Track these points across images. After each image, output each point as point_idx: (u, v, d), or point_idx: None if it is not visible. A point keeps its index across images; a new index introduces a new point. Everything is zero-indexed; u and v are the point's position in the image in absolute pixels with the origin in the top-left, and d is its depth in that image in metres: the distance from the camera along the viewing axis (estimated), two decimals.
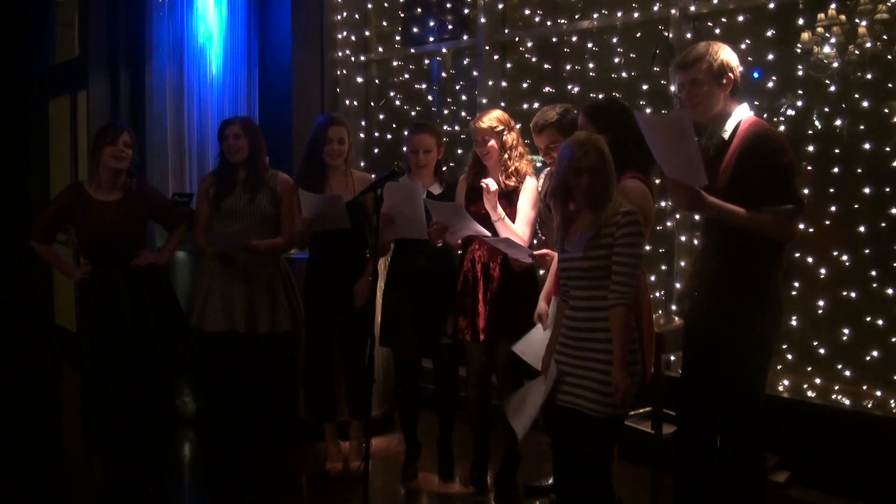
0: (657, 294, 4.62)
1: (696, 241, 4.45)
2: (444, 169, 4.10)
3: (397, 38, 6.35)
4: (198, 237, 4.17)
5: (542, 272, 3.96)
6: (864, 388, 4.11)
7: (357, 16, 6.35)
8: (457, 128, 5.85)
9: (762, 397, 2.95)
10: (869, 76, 4.12)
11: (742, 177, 2.83)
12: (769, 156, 2.79)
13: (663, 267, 4.65)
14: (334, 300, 4.10)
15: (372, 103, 6.49)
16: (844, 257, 4.17)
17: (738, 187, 2.83)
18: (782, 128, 4.38)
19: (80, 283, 3.92)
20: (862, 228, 4.08)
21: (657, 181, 3.29)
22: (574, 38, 5.27)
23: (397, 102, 6.33)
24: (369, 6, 6.40)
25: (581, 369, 2.84)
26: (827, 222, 4.22)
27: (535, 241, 3.89)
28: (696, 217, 3.58)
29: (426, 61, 6.19)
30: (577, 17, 5.23)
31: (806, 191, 4.28)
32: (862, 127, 4.14)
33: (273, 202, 4.12)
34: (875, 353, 4.08)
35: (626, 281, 2.75)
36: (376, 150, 6.38)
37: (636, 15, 4.83)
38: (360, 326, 4.09)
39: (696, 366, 3.07)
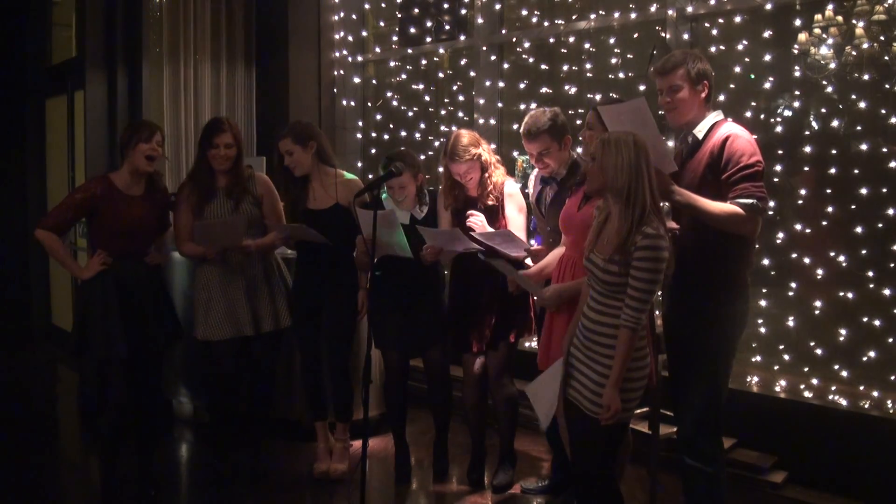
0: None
1: None
2: (425, 195, 4.02)
3: (394, 38, 6.35)
4: (182, 247, 4.05)
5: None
6: (862, 388, 4.12)
7: (354, 16, 6.35)
8: (454, 128, 5.83)
9: (725, 393, 3.02)
10: (866, 77, 4.13)
11: (711, 175, 2.91)
12: (737, 154, 2.86)
13: None
14: (319, 302, 4.10)
15: (369, 104, 6.49)
16: (841, 258, 4.18)
17: (708, 185, 2.91)
18: (779, 128, 4.39)
19: (95, 275, 3.77)
20: (859, 229, 4.09)
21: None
22: (571, 39, 5.28)
23: (395, 103, 6.33)
24: (366, 7, 6.40)
25: (586, 368, 2.84)
26: (824, 223, 4.23)
27: (531, 242, 3.89)
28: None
29: (423, 62, 6.19)
30: (574, 17, 5.24)
31: (803, 191, 4.29)
32: (859, 128, 4.15)
33: (255, 204, 4.07)
34: (872, 354, 4.09)
35: (638, 306, 2.71)
36: (373, 151, 6.38)
37: (633, 16, 4.83)
38: (342, 329, 4.11)
39: (675, 363, 3.12)
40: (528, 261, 3.71)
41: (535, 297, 3.63)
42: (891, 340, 4.07)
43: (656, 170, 2.89)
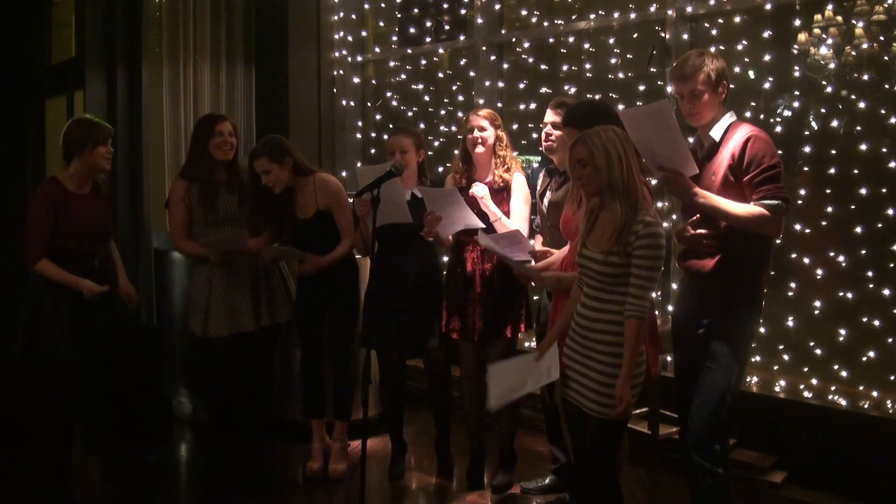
0: (654, 294, 4.61)
1: None
2: (426, 175, 4.07)
3: (394, 38, 6.35)
4: (181, 244, 4.10)
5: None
6: (861, 388, 4.11)
7: (354, 16, 6.35)
8: (453, 128, 5.84)
9: (736, 394, 3.01)
10: (865, 77, 4.13)
11: (733, 177, 2.89)
12: (759, 156, 2.85)
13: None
14: (323, 299, 4.11)
15: (369, 103, 6.49)
16: (841, 258, 4.18)
17: (729, 187, 2.90)
18: (779, 129, 4.39)
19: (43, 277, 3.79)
20: (858, 229, 4.09)
21: (653, 181, 3.28)
22: (571, 39, 5.28)
23: (394, 103, 6.33)
24: (366, 6, 6.40)
25: (584, 367, 2.84)
26: (823, 223, 4.23)
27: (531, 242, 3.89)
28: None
29: (423, 62, 6.19)
30: (573, 17, 5.24)
31: (802, 191, 4.29)
32: (858, 128, 4.15)
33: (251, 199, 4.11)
34: (871, 354, 4.09)
35: (642, 294, 2.72)
36: (373, 151, 6.38)
37: (633, 16, 4.83)
38: (345, 327, 4.13)
39: (686, 364, 3.11)
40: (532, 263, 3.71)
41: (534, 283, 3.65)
42: (890, 340, 4.07)
43: (678, 172, 2.89)
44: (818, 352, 4.26)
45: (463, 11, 5.88)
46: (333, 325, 4.13)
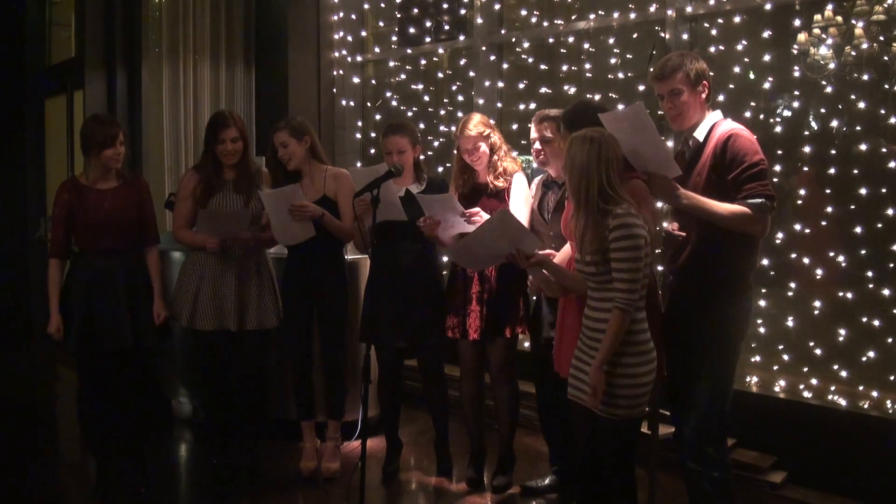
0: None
1: None
2: (423, 170, 4.08)
3: (394, 38, 6.35)
4: (179, 234, 4.08)
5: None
6: (861, 388, 4.12)
7: (353, 16, 6.35)
8: (453, 128, 5.83)
9: (729, 396, 3.01)
10: (865, 77, 4.13)
11: (716, 176, 2.90)
12: (741, 154, 2.86)
13: (659, 268, 4.64)
14: (310, 297, 4.11)
15: (368, 104, 6.49)
16: (841, 258, 4.18)
17: (713, 187, 2.91)
18: (778, 129, 4.39)
19: (72, 269, 3.88)
20: (858, 229, 4.09)
21: None
22: (570, 39, 5.28)
23: (394, 103, 6.33)
24: (366, 7, 6.41)
25: (590, 367, 2.84)
26: (823, 223, 4.23)
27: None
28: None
29: (423, 62, 6.20)
30: (573, 17, 5.24)
31: (802, 191, 4.29)
32: (858, 128, 4.15)
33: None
34: (871, 354, 4.09)
35: (627, 287, 2.70)
36: (373, 151, 6.38)
37: (632, 16, 4.83)
38: (334, 324, 4.12)
39: (675, 365, 3.10)
40: None
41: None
42: (890, 340, 4.07)
43: (661, 176, 2.89)
44: (818, 352, 4.26)
45: (463, 11, 5.89)
46: (322, 322, 4.13)
